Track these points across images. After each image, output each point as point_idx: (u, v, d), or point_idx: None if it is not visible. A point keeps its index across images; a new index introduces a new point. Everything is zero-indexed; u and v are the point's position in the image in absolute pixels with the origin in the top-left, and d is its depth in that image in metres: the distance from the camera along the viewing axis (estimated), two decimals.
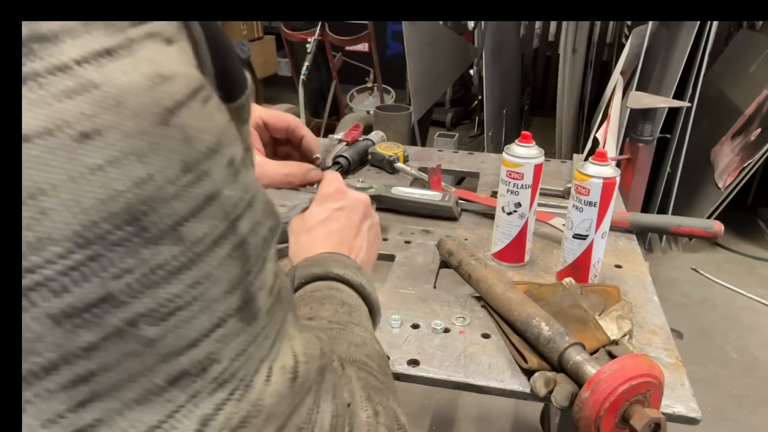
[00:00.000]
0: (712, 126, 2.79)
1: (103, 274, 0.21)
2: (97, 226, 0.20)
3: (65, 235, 0.20)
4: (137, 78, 0.22)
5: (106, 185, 0.20)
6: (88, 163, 0.20)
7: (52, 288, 0.20)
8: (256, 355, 0.26)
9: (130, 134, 0.21)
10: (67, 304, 0.20)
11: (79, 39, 0.21)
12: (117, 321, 0.21)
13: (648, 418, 0.56)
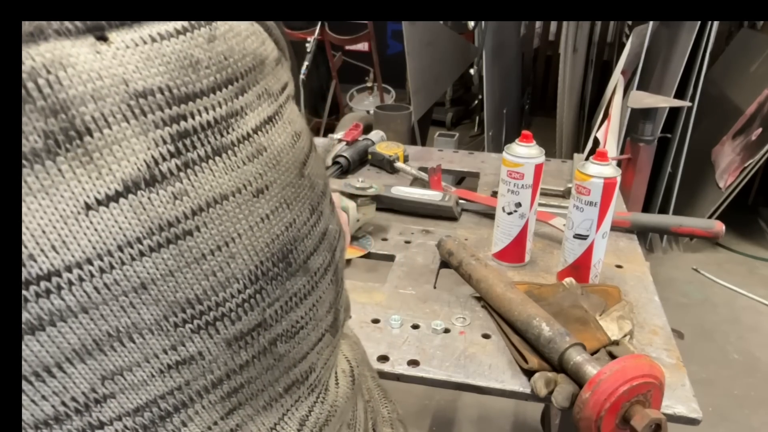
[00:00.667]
0: (712, 126, 2.79)
1: (262, 303, 0.25)
2: (263, 265, 0.25)
3: (244, 273, 0.24)
4: (286, 138, 0.26)
5: (270, 230, 0.25)
6: (261, 213, 0.25)
7: (231, 318, 0.24)
8: (331, 362, 0.31)
9: (284, 187, 0.26)
10: (238, 329, 0.24)
11: (256, 110, 0.25)
12: (264, 341, 0.25)
13: (649, 419, 0.56)
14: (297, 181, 0.26)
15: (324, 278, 0.28)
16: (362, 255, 0.96)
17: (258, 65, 0.25)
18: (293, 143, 0.26)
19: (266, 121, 0.25)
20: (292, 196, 0.26)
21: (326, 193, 0.29)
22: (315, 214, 0.27)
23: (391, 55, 4.73)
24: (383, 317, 0.78)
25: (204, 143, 0.23)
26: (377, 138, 1.43)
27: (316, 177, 0.28)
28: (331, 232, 0.29)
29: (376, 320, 0.78)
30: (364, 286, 0.86)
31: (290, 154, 0.26)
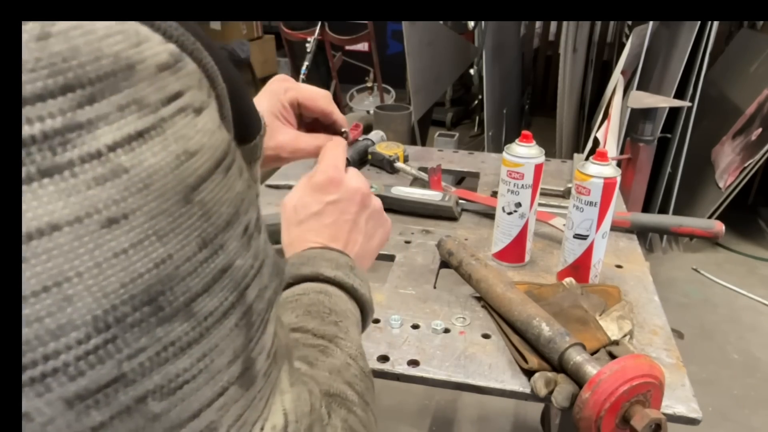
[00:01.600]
0: (712, 126, 2.79)
1: (117, 355, 0.21)
2: (116, 309, 0.21)
3: (86, 320, 0.20)
4: (165, 158, 0.22)
5: (128, 268, 0.21)
6: (113, 247, 0.20)
7: (69, 373, 0.20)
8: (251, 418, 0.26)
9: (153, 216, 0.21)
10: (82, 387, 0.20)
11: (115, 124, 0.21)
12: (126, 399, 0.21)
13: (649, 419, 0.56)
14: (178, 209, 0.22)
15: (222, 323, 0.24)
16: None
17: (122, 70, 0.21)
18: (178, 164, 0.22)
19: (132, 137, 0.21)
20: (167, 227, 0.22)
21: (235, 223, 0.25)
22: (208, 249, 0.23)
23: (391, 55, 4.73)
24: (383, 317, 0.78)
25: (26, 162, 0.19)
26: (377, 138, 1.42)
27: (215, 204, 0.24)
28: (239, 268, 0.25)
29: (376, 320, 0.78)
30: None
31: (169, 177, 0.22)
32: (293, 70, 3.52)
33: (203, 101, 0.25)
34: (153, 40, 0.23)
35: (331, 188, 0.54)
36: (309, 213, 0.53)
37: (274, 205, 1.12)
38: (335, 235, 0.51)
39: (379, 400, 1.69)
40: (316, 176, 0.55)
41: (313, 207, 0.53)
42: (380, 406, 1.67)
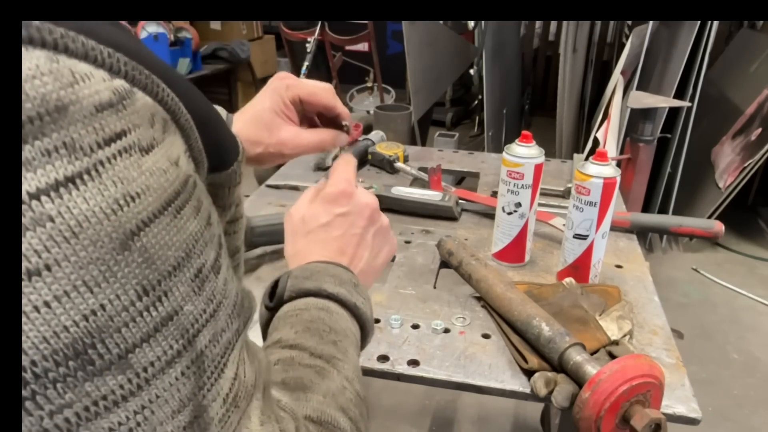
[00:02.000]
0: (712, 126, 2.79)
1: (38, 412, 0.20)
2: (35, 365, 0.19)
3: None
4: (100, 203, 0.21)
5: (50, 322, 0.20)
6: (33, 300, 0.19)
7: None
8: None
9: (82, 265, 0.20)
10: None
11: (38, 171, 0.20)
12: None
13: (648, 419, 0.56)
14: (113, 257, 0.21)
15: (165, 373, 0.23)
16: None
17: (52, 112, 0.20)
18: (115, 209, 0.21)
19: (59, 183, 0.20)
20: (99, 277, 0.20)
21: (184, 267, 0.24)
22: (149, 297, 0.22)
23: (391, 55, 4.73)
24: (383, 317, 0.78)
25: None
26: (377, 138, 1.43)
27: (161, 249, 0.22)
28: (188, 314, 0.24)
29: (377, 320, 0.78)
30: None
31: (104, 224, 0.21)
32: (293, 70, 3.52)
33: (154, 138, 0.23)
34: (93, 77, 0.22)
35: (342, 200, 0.53)
36: (318, 224, 0.52)
37: (274, 204, 1.13)
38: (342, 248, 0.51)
39: (379, 400, 1.69)
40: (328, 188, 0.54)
41: (323, 218, 0.52)
42: (380, 406, 1.67)
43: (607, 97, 2.23)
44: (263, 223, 0.90)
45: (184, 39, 3.67)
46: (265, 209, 1.11)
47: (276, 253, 0.95)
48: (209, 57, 4.06)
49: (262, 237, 0.90)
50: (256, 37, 4.56)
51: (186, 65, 3.75)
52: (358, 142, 1.42)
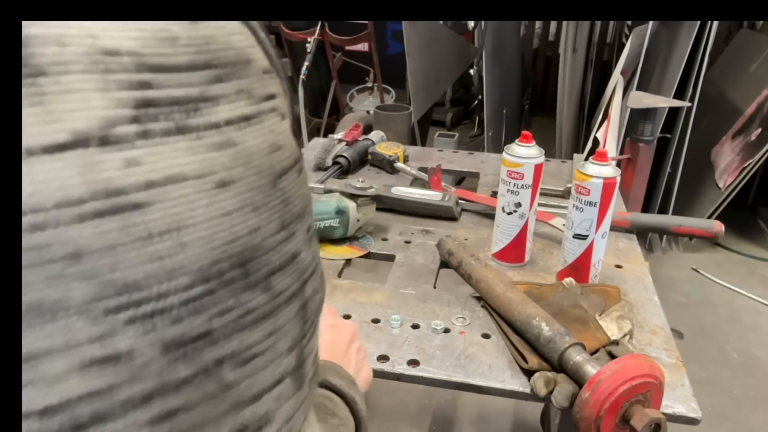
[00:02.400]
0: (712, 126, 2.79)
1: (210, 310, 0.22)
2: (217, 264, 0.22)
3: (194, 268, 0.21)
4: (262, 143, 0.25)
5: (230, 229, 0.23)
6: (222, 207, 0.22)
7: (172, 316, 0.21)
8: (296, 426, 0.27)
9: (252, 188, 0.24)
10: (179, 334, 0.21)
11: (232, 104, 0.24)
12: (209, 358, 0.22)
13: (648, 419, 0.56)
14: (268, 189, 0.24)
15: (288, 306, 0.25)
16: (362, 255, 0.97)
17: (242, 63, 0.25)
18: (270, 151, 0.25)
19: (242, 119, 0.24)
20: (260, 201, 0.24)
21: (304, 218, 0.27)
22: (285, 231, 0.25)
23: (391, 55, 4.73)
24: (383, 317, 0.79)
25: (168, 118, 0.21)
26: (377, 138, 1.43)
27: (292, 195, 0.26)
28: (304, 260, 0.27)
29: (376, 320, 0.78)
30: (364, 286, 0.86)
31: (264, 160, 0.25)
32: (293, 70, 3.52)
33: (286, 110, 0.28)
34: (258, 47, 0.27)
35: (330, 316, 0.61)
36: None
37: None
38: (333, 354, 0.54)
39: (379, 399, 1.69)
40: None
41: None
42: (380, 406, 1.67)
43: (606, 97, 2.23)
44: None
45: None
46: None
47: None
48: None
49: None
50: None
51: None
52: (358, 142, 1.42)
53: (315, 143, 1.45)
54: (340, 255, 0.96)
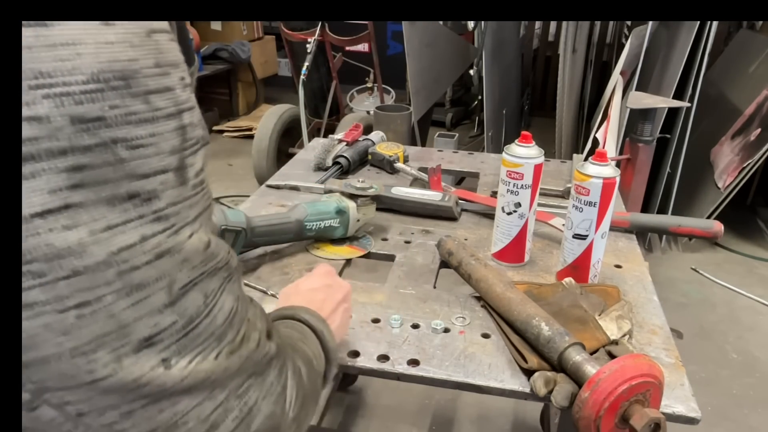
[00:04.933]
0: (711, 126, 2.79)
1: (103, 102, 0.30)
2: (104, 73, 0.30)
3: (87, 71, 0.30)
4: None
5: (113, 54, 0.31)
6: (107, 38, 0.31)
7: (75, 99, 0.29)
8: (183, 214, 0.35)
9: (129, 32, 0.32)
10: (81, 112, 0.30)
11: None
12: (106, 136, 0.31)
13: (648, 418, 0.56)
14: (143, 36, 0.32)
15: (167, 121, 0.33)
16: (362, 255, 0.97)
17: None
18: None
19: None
20: (137, 42, 0.32)
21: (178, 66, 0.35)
22: (159, 69, 0.33)
23: (392, 55, 4.73)
24: (383, 317, 0.79)
25: None
26: (377, 138, 1.43)
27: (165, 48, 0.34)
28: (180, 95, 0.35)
29: (377, 320, 0.78)
30: (364, 286, 0.86)
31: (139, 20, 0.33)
32: (294, 70, 3.52)
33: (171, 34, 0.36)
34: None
35: (328, 278, 0.70)
36: (308, 287, 0.67)
37: (274, 205, 1.13)
38: (322, 308, 0.62)
39: (379, 399, 1.69)
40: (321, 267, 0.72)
41: (313, 284, 0.68)
42: (380, 406, 1.67)
43: (606, 98, 2.23)
44: (263, 223, 0.90)
45: None
46: (266, 209, 1.11)
47: (276, 253, 0.95)
48: (210, 57, 4.06)
49: (262, 237, 0.90)
50: (257, 38, 4.56)
51: None
52: (358, 143, 1.42)
53: (315, 143, 1.45)
54: (340, 255, 0.96)
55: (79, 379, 0.31)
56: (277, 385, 0.41)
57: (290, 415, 0.42)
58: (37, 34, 0.28)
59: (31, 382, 0.31)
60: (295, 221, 0.92)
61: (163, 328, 0.33)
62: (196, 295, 0.35)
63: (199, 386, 0.35)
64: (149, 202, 0.32)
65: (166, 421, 0.34)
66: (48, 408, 0.32)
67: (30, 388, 0.31)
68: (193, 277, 0.35)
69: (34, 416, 0.32)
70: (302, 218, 0.92)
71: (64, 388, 0.32)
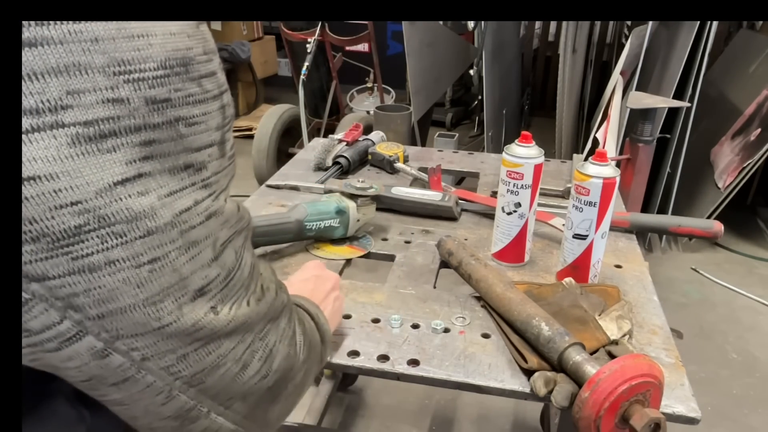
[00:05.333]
0: (711, 126, 2.79)
1: (170, 86, 0.35)
2: (169, 60, 0.35)
3: (158, 59, 0.34)
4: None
5: (175, 43, 0.35)
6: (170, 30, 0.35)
7: (149, 83, 0.34)
8: (221, 182, 0.40)
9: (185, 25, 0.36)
10: (153, 95, 0.34)
11: None
12: (171, 115, 0.35)
13: (648, 418, 0.56)
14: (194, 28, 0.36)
15: (214, 101, 0.38)
16: (362, 255, 0.97)
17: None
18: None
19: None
20: (191, 32, 0.36)
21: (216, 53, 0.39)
22: (206, 56, 0.37)
23: (392, 55, 4.73)
24: (383, 317, 0.79)
25: None
26: (377, 138, 1.43)
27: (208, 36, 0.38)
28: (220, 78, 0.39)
29: (377, 320, 0.78)
30: (364, 286, 0.86)
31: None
32: (294, 70, 3.52)
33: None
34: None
35: (317, 269, 0.74)
36: (298, 279, 0.72)
37: (274, 204, 1.13)
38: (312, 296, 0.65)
39: (379, 399, 1.69)
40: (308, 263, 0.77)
41: (304, 275, 0.72)
42: (380, 406, 1.67)
43: (606, 98, 2.23)
44: (263, 223, 0.90)
45: None
46: (266, 209, 1.11)
47: (276, 253, 0.95)
48: None
49: (262, 237, 0.90)
50: (257, 38, 4.56)
51: None
52: (358, 143, 1.42)
53: (315, 143, 1.45)
54: (340, 255, 0.96)
55: (148, 326, 0.36)
56: (288, 329, 0.47)
57: (300, 357, 0.48)
58: (119, 27, 0.32)
59: (106, 331, 0.35)
60: (295, 221, 0.92)
61: (211, 279, 0.38)
62: (230, 251, 0.40)
63: (239, 329, 0.41)
64: (199, 171, 0.37)
65: (211, 362, 0.39)
66: (117, 355, 0.36)
67: (104, 338, 0.35)
68: (230, 235, 0.40)
69: (105, 363, 0.36)
70: (302, 218, 0.92)
71: (135, 335, 0.36)
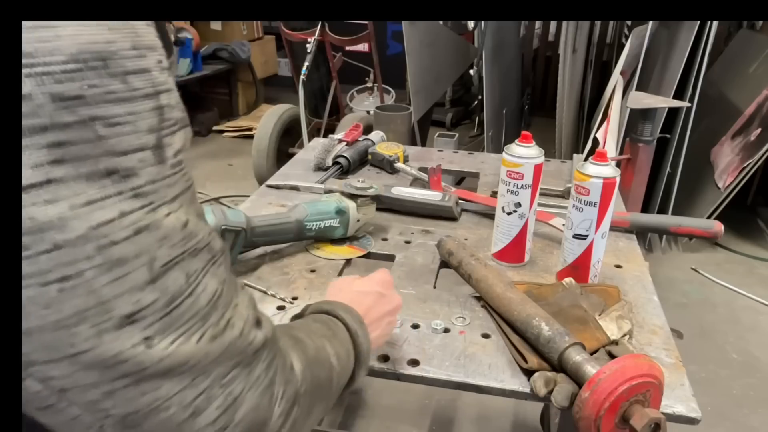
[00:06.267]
0: (712, 126, 2.79)
1: (82, 82, 0.31)
2: (83, 54, 0.31)
3: (67, 52, 0.31)
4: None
5: (91, 36, 0.32)
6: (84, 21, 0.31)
7: (55, 78, 0.30)
8: (161, 192, 0.35)
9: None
10: (61, 91, 0.30)
11: None
12: (85, 114, 0.31)
13: (648, 418, 0.56)
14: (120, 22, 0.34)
15: (144, 101, 0.34)
16: (362, 255, 0.97)
17: None
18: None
19: None
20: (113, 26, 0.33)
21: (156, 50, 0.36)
22: (136, 51, 0.34)
23: (391, 55, 4.73)
24: None
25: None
26: (377, 138, 1.43)
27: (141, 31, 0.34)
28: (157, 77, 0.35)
29: None
30: None
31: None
32: (294, 70, 3.52)
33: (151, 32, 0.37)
34: None
35: (386, 287, 0.68)
36: (360, 289, 0.66)
37: (274, 204, 1.13)
38: (366, 315, 0.61)
39: (379, 399, 1.69)
40: (381, 274, 0.70)
41: (366, 288, 0.67)
42: (380, 406, 1.67)
43: (606, 98, 2.23)
44: (263, 223, 0.90)
45: (185, 39, 3.67)
46: (266, 209, 1.11)
47: (276, 253, 0.95)
48: (210, 57, 4.06)
49: (262, 237, 0.90)
50: (257, 38, 4.57)
51: (186, 65, 3.75)
52: (358, 143, 1.42)
53: (315, 143, 1.45)
54: (340, 255, 0.96)
55: (61, 352, 0.32)
56: (265, 378, 0.40)
57: (277, 410, 0.41)
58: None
59: None
60: (295, 221, 0.92)
61: (144, 305, 0.34)
62: (177, 274, 0.35)
63: (178, 370, 0.35)
64: (128, 179, 0.33)
65: (147, 404, 0.34)
66: (33, 381, 0.33)
67: None
68: (174, 255, 0.35)
69: (24, 386, 0.33)
70: (302, 218, 0.92)
71: (48, 361, 0.32)
